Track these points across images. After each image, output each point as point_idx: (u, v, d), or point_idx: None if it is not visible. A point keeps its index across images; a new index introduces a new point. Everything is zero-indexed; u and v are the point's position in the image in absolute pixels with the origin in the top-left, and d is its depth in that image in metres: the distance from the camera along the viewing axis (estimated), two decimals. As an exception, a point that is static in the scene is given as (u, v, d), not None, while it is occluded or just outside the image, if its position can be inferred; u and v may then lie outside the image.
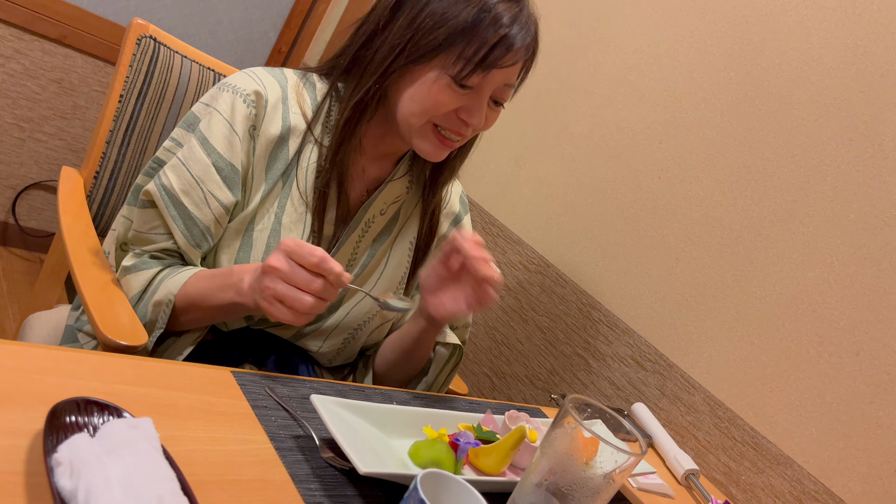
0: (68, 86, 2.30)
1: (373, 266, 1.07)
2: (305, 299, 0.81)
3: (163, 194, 0.94)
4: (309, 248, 0.81)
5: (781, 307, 1.27)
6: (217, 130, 0.95)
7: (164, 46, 1.29)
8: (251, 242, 0.97)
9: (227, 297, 0.90)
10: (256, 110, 0.96)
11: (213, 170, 0.94)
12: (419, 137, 0.97)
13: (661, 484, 1.11)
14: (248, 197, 0.98)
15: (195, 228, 0.94)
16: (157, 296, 0.93)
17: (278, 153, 0.99)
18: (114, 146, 1.26)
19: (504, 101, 0.99)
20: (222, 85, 0.98)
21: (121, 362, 0.73)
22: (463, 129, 0.97)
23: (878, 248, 1.18)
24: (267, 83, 0.98)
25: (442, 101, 0.93)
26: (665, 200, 1.49)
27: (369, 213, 1.05)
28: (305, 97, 1.01)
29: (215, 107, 0.96)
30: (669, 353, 1.41)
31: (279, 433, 0.75)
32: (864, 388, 1.15)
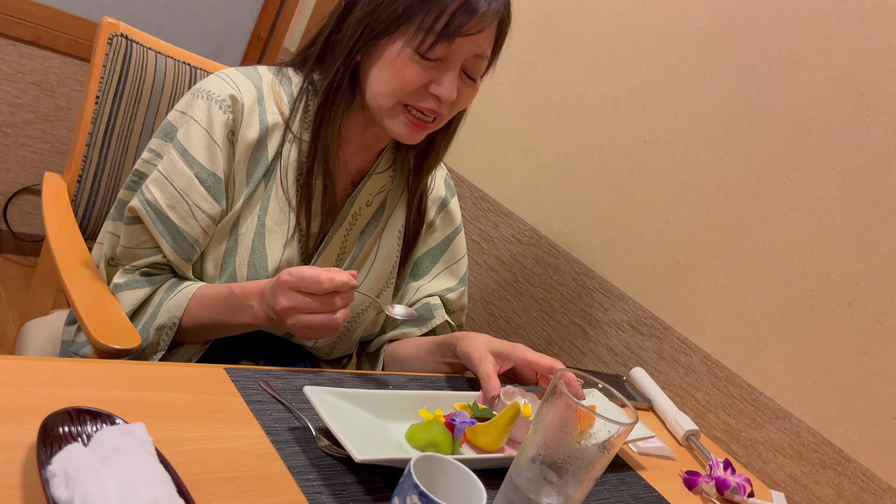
0: (48, 87, 2.29)
1: (362, 258, 1.07)
2: (334, 319, 0.84)
3: (148, 210, 0.94)
4: (309, 275, 0.82)
5: (772, 263, 1.28)
6: (196, 141, 0.93)
7: (136, 44, 1.28)
8: (235, 246, 0.97)
9: (244, 320, 0.91)
10: (233, 115, 0.95)
11: (196, 182, 0.93)
12: (390, 119, 0.95)
13: (661, 447, 1.12)
14: (231, 202, 0.97)
15: (184, 242, 0.94)
16: (159, 320, 0.93)
17: (258, 156, 0.97)
18: (94, 149, 1.25)
19: (477, 75, 0.97)
20: (197, 91, 0.96)
21: (113, 368, 0.73)
22: (435, 106, 0.94)
23: (865, 198, 1.18)
24: (241, 86, 0.97)
25: (408, 78, 0.91)
26: (652, 164, 1.48)
27: (355, 206, 1.04)
28: (282, 95, 1.00)
29: (191, 115, 0.94)
30: (664, 316, 1.41)
31: (275, 426, 0.76)
32: (858, 338, 1.16)
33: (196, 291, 0.93)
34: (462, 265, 1.18)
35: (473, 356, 0.97)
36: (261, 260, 0.96)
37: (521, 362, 0.97)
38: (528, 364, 0.97)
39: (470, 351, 0.98)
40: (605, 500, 0.92)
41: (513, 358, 0.97)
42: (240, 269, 0.96)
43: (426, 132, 0.97)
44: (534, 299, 1.65)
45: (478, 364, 0.96)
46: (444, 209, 1.17)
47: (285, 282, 0.84)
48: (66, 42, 2.24)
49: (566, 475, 0.71)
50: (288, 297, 0.84)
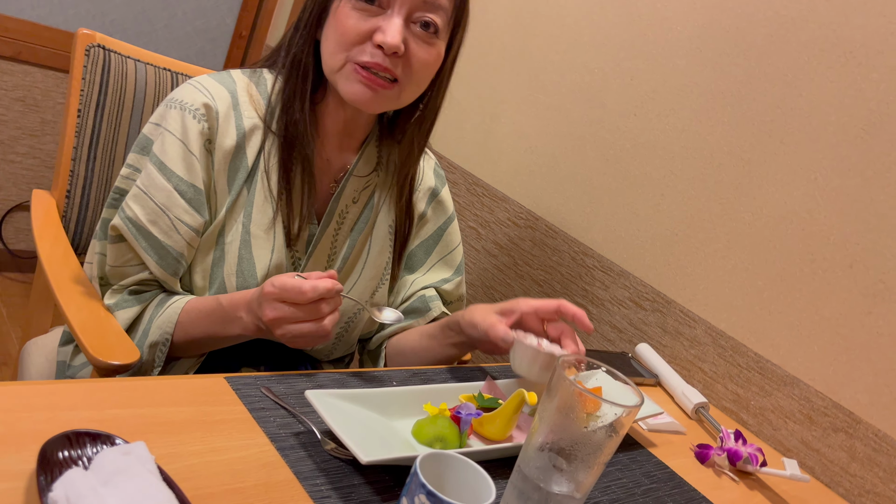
0: (32, 102, 2.27)
1: (354, 257, 1.05)
2: (322, 326, 0.84)
3: (130, 227, 0.92)
4: (292, 285, 0.81)
5: (771, 229, 1.26)
6: (172, 153, 0.92)
7: (114, 53, 1.27)
8: (223, 256, 0.96)
9: (235, 332, 0.91)
10: (208, 123, 0.93)
11: (176, 195, 0.91)
12: (343, 80, 0.91)
13: (671, 422, 1.12)
14: (215, 211, 0.96)
15: (168, 257, 0.93)
16: (150, 337, 0.92)
17: (238, 162, 0.96)
18: (80, 162, 1.24)
19: (432, 21, 0.91)
20: (170, 101, 0.95)
21: (111, 386, 0.73)
22: (381, 59, 0.88)
23: (861, 158, 1.17)
24: (215, 93, 0.95)
25: (349, 25, 0.88)
26: (644, 137, 1.47)
27: (341, 205, 1.03)
28: (258, 97, 0.98)
29: (166, 127, 0.93)
30: (666, 289, 1.41)
31: (279, 433, 0.75)
32: (861, 300, 1.15)
33: (185, 306, 0.93)
34: (457, 255, 1.17)
35: (478, 320, 0.96)
36: (249, 268, 0.95)
37: (527, 310, 0.97)
38: (532, 311, 0.97)
39: (475, 318, 0.97)
40: (617, 481, 0.91)
41: (516, 309, 0.97)
42: (228, 279, 0.95)
43: (381, 96, 0.92)
44: (534, 282, 1.64)
45: (484, 323, 0.95)
46: (435, 199, 1.15)
47: (269, 293, 0.83)
48: (47, 55, 2.22)
49: (575, 461, 0.70)
50: (273, 308, 0.83)
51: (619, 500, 0.87)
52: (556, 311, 0.96)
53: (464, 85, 1.87)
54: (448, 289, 1.15)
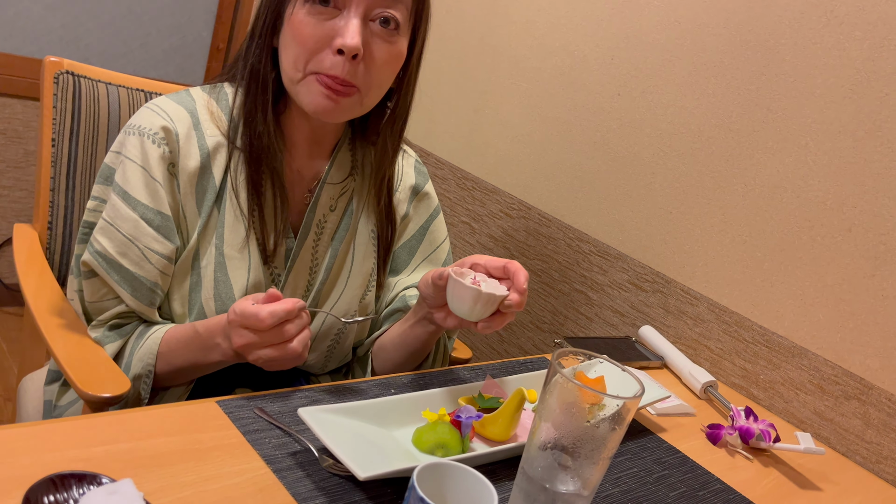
0: (13, 134, 2.25)
1: (338, 267, 1.03)
2: (291, 347, 0.82)
3: (100, 261, 0.90)
4: (251, 313, 0.79)
5: (766, 199, 1.24)
6: (135, 181, 0.89)
7: (84, 79, 1.24)
8: (199, 281, 0.93)
9: (216, 358, 0.89)
10: (169, 147, 0.90)
11: (142, 223, 0.89)
12: (304, 93, 0.88)
13: (679, 404, 1.10)
14: (187, 235, 0.93)
15: (142, 288, 0.91)
16: (133, 370, 0.90)
17: (205, 183, 0.93)
18: (59, 193, 1.22)
19: (389, 16, 0.87)
20: (128, 128, 0.92)
21: (97, 422, 0.71)
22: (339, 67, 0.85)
23: (850, 119, 1.14)
24: (173, 114, 0.92)
25: (306, 33, 0.85)
26: (629, 117, 1.44)
27: (317, 215, 1.00)
28: (220, 113, 0.95)
29: (126, 154, 0.90)
30: (665, 269, 1.38)
31: (275, 454, 0.73)
32: (863, 263, 1.13)
33: (164, 336, 0.91)
34: (442, 252, 1.14)
35: (427, 277, 0.92)
36: (226, 291, 0.93)
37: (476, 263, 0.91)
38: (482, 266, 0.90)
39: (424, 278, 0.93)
40: (628, 471, 0.89)
41: (466, 262, 0.92)
42: (206, 303, 0.93)
43: (343, 106, 0.89)
44: (532, 272, 1.62)
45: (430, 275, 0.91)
46: (417, 196, 1.12)
47: (232, 321, 0.82)
48: (24, 85, 2.20)
49: (580, 458, 0.68)
50: (240, 336, 0.82)
51: (630, 490, 0.85)
52: (503, 270, 0.89)
53: (444, 79, 1.84)
54: None
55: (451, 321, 0.91)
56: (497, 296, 0.85)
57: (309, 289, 1.01)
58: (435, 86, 1.87)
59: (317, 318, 1.02)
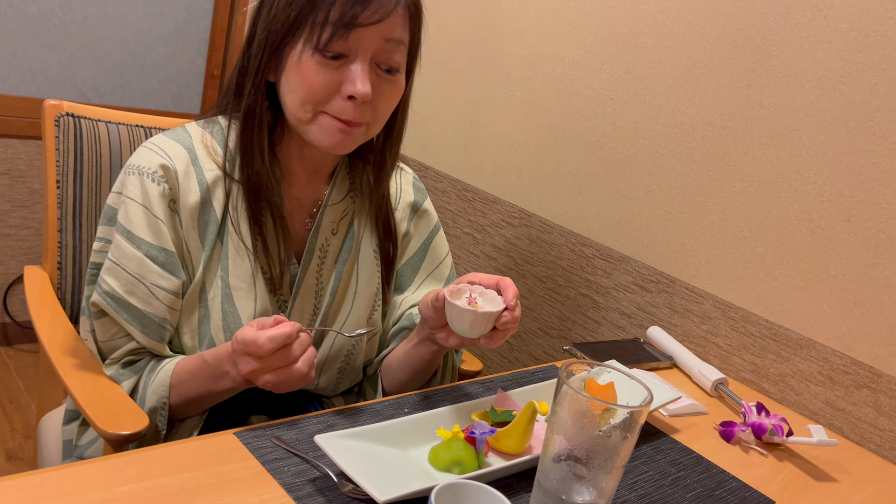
0: (17, 174, 2.28)
1: (343, 289, 1.04)
2: (296, 369, 0.83)
3: (109, 301, 0.92)
4: (251, 340, 0.81)
5: (763, 194, 1.25)
6: (137, 220, 0.91)
7: (84, 119, 1.26)
8: (207, 313, 0.95)
9: (227, 386, 0.90)
10: (169, 184, 0.92)
11: (147, 261, 0.91)
12: (314, 129, 0.90)
13: (691, 404, 1.11)
14: (192, 270, 0.95)
15: (152, 324, 0.92)
16: (148, 404, 0.92)
17: (206, 217, 0.95)
18: (67, 233, 1.24)
19: (395, 65, 0.91)
20: (127, 168, 0.94)
21: (119, 462, 0.72)
22: (352, 114, 0.88)
23: (842, 110, 1.15)
24: (171, 151, 0.93)
25: (315, 81, 0.87)
26: (623, 120, 1.46)
27: (320, 239, 1.01)
28: (216, 147, 0.96)
29: (127, 194, 0.92)
30: (668, 269, 1.39)
31: (295, 482, 0.75)
32: (864, 252, 1.14)
33: (175, 368, 0.92)
34: (445, 267, 1.15)
35: (426, 298, 0.94)
36: (234, 321, 0.95)
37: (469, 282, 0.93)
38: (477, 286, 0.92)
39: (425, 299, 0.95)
40: (644, 475, 0.90)
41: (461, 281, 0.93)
42: (216, 335, 0.94)
43: (354, 138, 0.92)
44: (537, 279, 1.63)
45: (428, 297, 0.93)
46: (416, 213, 1.14)
47: (236, 349, 0.83)
48: (24, 125, 2.23)
49: (594, 467, 0.69)
50: (245, 363, 0.83)
51: (647, 494, 0.86)
52: (496, 287, 0.91)
53: (438, 94, 1.86)
54: None
55: (453, 340, 0.93)
56: (492, 313, 0.87)
57: (316, 312, 1.03)
58: (429, 100, 1.89)
59: (325, 342, 1.03)
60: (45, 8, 2.19)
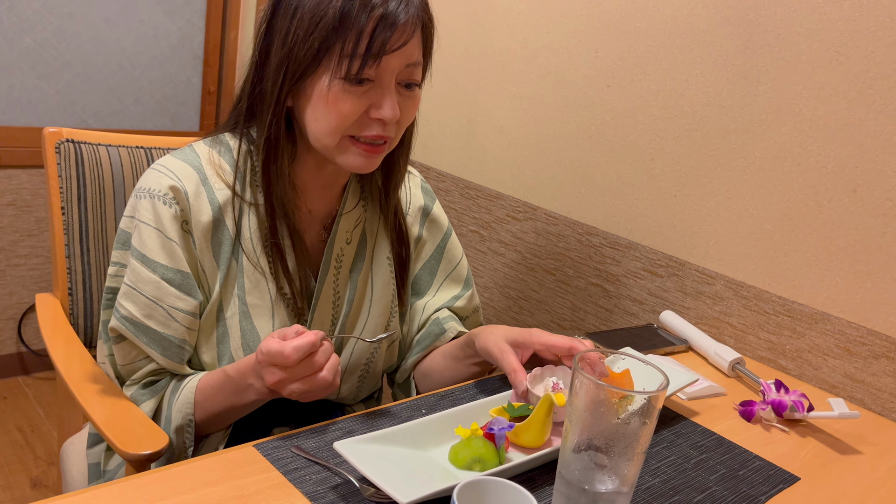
0: (23, 204, 2.29)
1: (359, 298, 1.04)
2: (322, 377, 0.84)
3: (128, 326, 0.92)
4: (276, 351, 0.81)
5: (767, 171, 1.24)
6: (151, 243, 0.91)
7: (85, 144, 1.27)
8: (226, 332, 0.95)
9: (251, 398, 0.91)
10: (180, 206, 0.92)
11: (164, 284, 0.91)
12: (341, 154, 0.91)
13: (709, 386, 1.10)
14: (209, 289, 0.95)
15: (172, 347, 0.93)
16: (174, 422, 0.93)
17: (220, 236, 0.95)
18: (75, 259, 1.25)
19: (416, 81, 0.92)
20: (138, 191, 0.94)
21: (142, 482, 0.73)
22: (381, 131, 0.90)
23: (840, 81, 1.14)
24: (180, 173, 0.93)
25: (345, 110, 0.87)
26: (621, 106, 1.45)
27: (336, 250, 1.02)
28: (224, 166, 0.96)
29: (139, 218, 0.93)
30: (677, 252, 1.39)
31: (318, 490, 0.75)
32: (873, 222, 1.13)
33: (198, 385, 0.93)
34: (462, 268, 1.16)
35: (493, 351, 0.95)
36: (253, 339, 0.95)
37: (540, 347, 0.95)
38: (546, 348, 0.95)
39: (488, 346, 0.96)
40: (666, 460, 0.90)
41: (530, 344, 0.95)
42: (235, 353, 0.95)
43: (381, 157, 0.94)
44: (546, 272, 1.63)
45: (500, 359, 0.94)
46: (428, 218, 1.14)
47: (261, 361, 0.84)
48: (27, 155, 2.25)
49: (614, 456, 0.69)
50: (270, 374, 0.84)
51: (670, 479, 0.86)
52: (570, 351, 0.93)
53: (435, 93, 1.86)
54: (461, 305, 1.14)
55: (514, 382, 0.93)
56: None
57: (334, 322, 1.03)
58: (427, 101, 1.89)
59: (345, 350, 1.04)
60: (40, 38, 2.20)
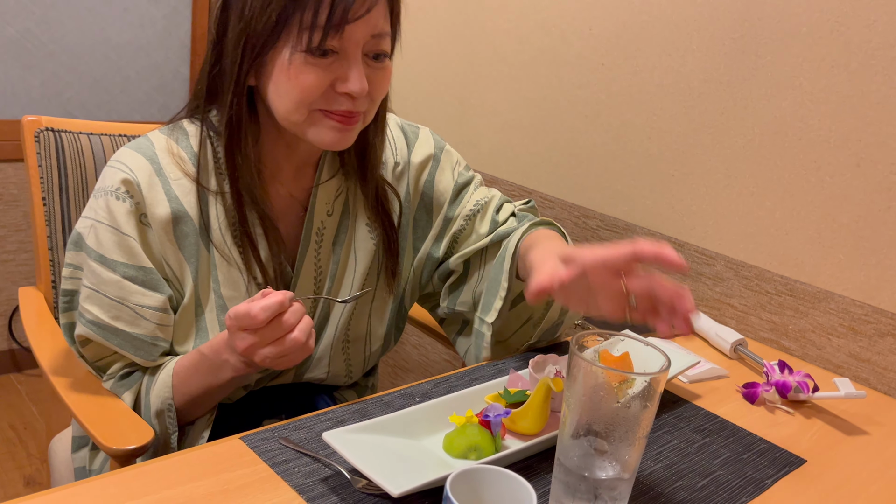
0: (10, 198, 2.25)
1: (342, 270, 1.01)
2: (293, 338, 0.81)
3: (95, 330, 0.89)
4: (243, 313, 0.78)
5: (767, 147, 1.21)
6: (108, 243, 0.87)
7: (65, 133, 1.24)
8: (204, 327, 0.92)
9: (228, 376, 0.88)
10: (134, 199, 0.88)
11: (126, 283, 0.88)
12: (312, 129, 0.86)
13: (711, 368, 1.07)
14: (180, 284, 0.92)
15: (144, 345, 0.90)
16: (154, 407, 0.90)
17: (183, 229, 0.91)
18: (58, 251, 1.21)
19: (384, 52, 0.87)
20: (95, 192, 0.91)
21: (124, 477, 0.70)
22: (351, 106, 0.85)
23: (840, 52, 1.11)
24: (133, 164, 0.89)
25: (307, 83, 0.83)
26: (616, 85, 1.42)
27: (316, 223, 0.98)
28: (181, 154, 0.91)
29: (95, 218, 0.89)
30: (675, 232, 1.36)
31: (307, 482, 0.72)
32: (877, 197, 1.10)
33: (174, 368, 0.90)
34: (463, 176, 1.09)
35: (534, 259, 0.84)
36: None
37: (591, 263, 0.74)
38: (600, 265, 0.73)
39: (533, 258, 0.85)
40: (668, 444, 0.87)
41: (577, 261, 0.75)
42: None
43: (355, 131, 0.89)
44: (543, 256, 1.60)
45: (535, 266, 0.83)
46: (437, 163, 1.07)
47: (230, 326, 0.81)
48: (11, 148, 2.21)
49: (615, 441, 0.66)
50: (241, 339, 0.81)
51: (673, 464, 0.83)
52: (631, 261, 0.72)
53: (426, 77, 1.82)
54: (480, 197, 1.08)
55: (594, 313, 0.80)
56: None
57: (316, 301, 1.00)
58: (417, 84, 1.85)
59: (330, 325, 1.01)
60: (22, 28, 2.16)
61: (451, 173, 1.09)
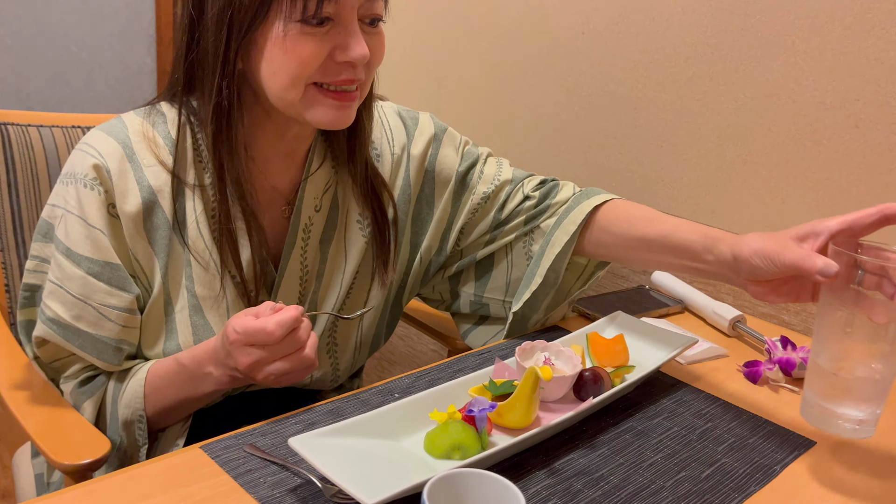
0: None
1: (330, 269, 0.94)
2: (305, 356, 0.76)
3: (55, 329, 0.82)
4: (257, 328, 0.73)
5: (760, 111, 1.15)
6: (75, 234, 0.80)
7: (12, 126, 1.15)
8: (174, 328, 0.85)
9: (208, 389, 0.82)
10: (104, 186, 0.80)
11: (91, 279, 0.80)
12: (310, 110, 0.80)
13: (709, 347, 1.01)
14: (148, 281, 0.84)
15: (107, 349, 0.83)
16: (122, 418, 0.83)
17: (154, 221, 0.83)
18: (10, 252, 1.13)
19: (380, 16, 0.81)
20: (63, 176, 0.83)
21: (71, 496, 0.63)
22: (351, 73, 0.79)
23: (835, 6, 1.04)
24: (103, 149, 0.81)
25: (305, 54, 0.76)
26: (598, 54, 1.35)
27: (303, 219, 0.90)
28: (157, 139, 0.84)
29: (64, 207, 0.81)
30: (666, 206, 1.29)
31: (274, 494, 0.65)
32: (877, 158, 1.04)
33: (147, 377, 0.83)
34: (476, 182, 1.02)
35: (772, 250, 0.73)
36: (206, 334, 0.85)
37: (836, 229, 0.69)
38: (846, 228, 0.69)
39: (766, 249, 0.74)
40: (668, 431, 0.81)
41: (820, 231, 0.70)
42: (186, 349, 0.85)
43: (355, 106, 0.83)
44: (528, 238, 1.53)
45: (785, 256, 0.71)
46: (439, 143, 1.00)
47: (235, 340, 0.74)
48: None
49: None
50: (247, 354, 0.74)
51: (675, 453, 0.77)
52: (878, 222, 0.67)
53: (400, 54, 1.75)
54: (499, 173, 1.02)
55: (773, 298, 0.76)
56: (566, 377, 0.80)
57: (301, 301, 0.93)
58: (391, 63, 1.77)
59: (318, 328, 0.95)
60: (-24, 22, 2.07)
61: (454, 151, 1.02)
